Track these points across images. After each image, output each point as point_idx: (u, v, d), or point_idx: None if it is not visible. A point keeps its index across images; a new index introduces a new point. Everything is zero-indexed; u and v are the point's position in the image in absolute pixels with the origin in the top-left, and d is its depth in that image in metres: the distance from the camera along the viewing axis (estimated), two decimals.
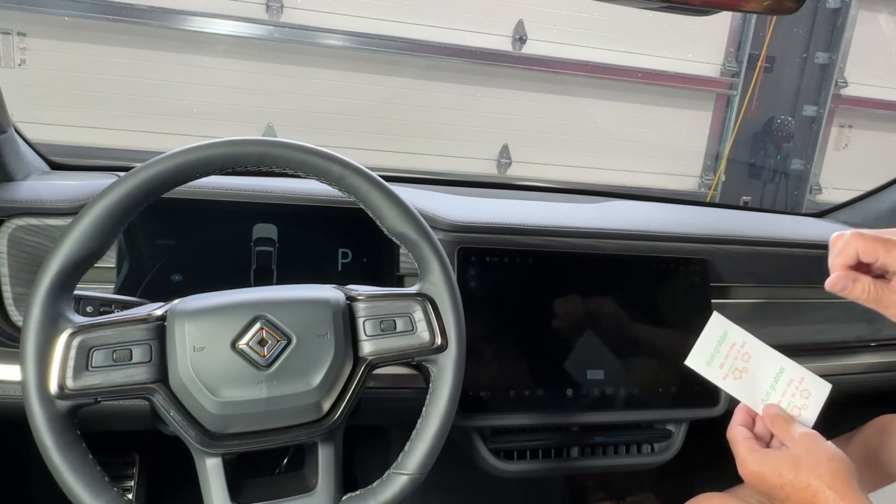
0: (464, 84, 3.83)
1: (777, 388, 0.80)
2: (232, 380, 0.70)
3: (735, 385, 0.81)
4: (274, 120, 3.54)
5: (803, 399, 0.79)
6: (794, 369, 0.81)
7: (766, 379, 0.81)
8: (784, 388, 0.80)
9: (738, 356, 0.82)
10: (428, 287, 0.79)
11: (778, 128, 4.42)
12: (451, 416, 0.77)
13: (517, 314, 1.08)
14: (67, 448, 0.67)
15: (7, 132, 1.02)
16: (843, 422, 1.07)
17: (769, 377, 0.81)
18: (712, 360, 0.82)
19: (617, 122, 4.12)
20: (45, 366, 0.67)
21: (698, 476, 1.36)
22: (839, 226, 1.49)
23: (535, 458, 1.12)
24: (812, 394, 0.80)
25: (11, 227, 0.95)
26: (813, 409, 0.79)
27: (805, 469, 0.70)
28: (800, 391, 0.80)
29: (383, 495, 0.75)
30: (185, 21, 3.34)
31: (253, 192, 1.02)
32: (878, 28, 4.40)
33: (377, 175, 0.78)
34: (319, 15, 3.49)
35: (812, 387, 0.80)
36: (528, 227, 1.11)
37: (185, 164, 0.72)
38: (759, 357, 0.82)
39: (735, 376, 0.81)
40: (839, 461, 0.71)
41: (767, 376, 0.81)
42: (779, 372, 0.81)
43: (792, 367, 0.81)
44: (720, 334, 0.83)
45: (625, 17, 3.86)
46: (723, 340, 0.82)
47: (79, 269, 0.71)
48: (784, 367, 0.81)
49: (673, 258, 1.17)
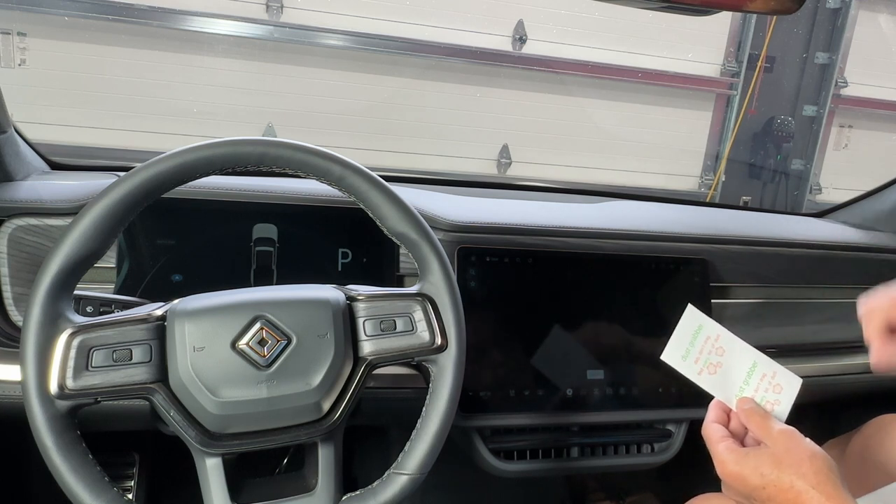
0: (464, 84, 3.83)
1: (750, 384, 0.79)
2: (232, 380, 0.70)
3: (709, 380, 0.80)
4: (274, 120, 3.54)
5: (776, 394, 0.78)
6: (767, 364, 0.79)
7: (740, 374, 0.79)
8: (757, 384, 0.79)
9: (713, 350, 0.80)
10: (428, 287, 0.79)
11: (778, 128, 4.41)
12: (451, 416, 0.77)
13: (517, 314, 1.08)
14: (67, 448, 0.67)
15: (7, 132, 1.02)
16: (843, 422, 1.07)
17: (742, 372, 0.79)
18: (688, 354, 0.80)
19: (617, 122, 4.12)
20: (45, 366, 0.67)
21: (698, 476, 1.35)
22: (839, 226, 1.49)
23: (535, 458, 1.12)
24: (784, 389, 0.78)
25: (11, 227, 0.95)
26: (785, 404, 0.78)
27: (787, 468, 0.69)
28: (772, 386, 0.78)
29: (383, 495, 0.75)
30: (185, 21, 3.34)
31: (253, 192, 1.02)
32: (878, 28, 4.40)
33: (377, 175, 0.78)
34: (319, 15, 3.49)
35: (784, 382, 0.78)
36: (528, 227, 1.11)
37: (185, 164, 0.72)
38: (732, 351, 0.80)
39: (710, 371, 0.80)
40: (821, 459, 0.69)
41: (741, 371, 0.79)
42: (752, 366, 0.79)
43: (764, 361, 0.80)
44: (695, 327, 0.81)
45: (625, 17, 3.86)
46: (697, 334, 0.81)
47: (79, 269, 0.71)
48: (756, 361, 0.79)
49: (673, 258, 1.17)
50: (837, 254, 1.30)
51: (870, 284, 1.34)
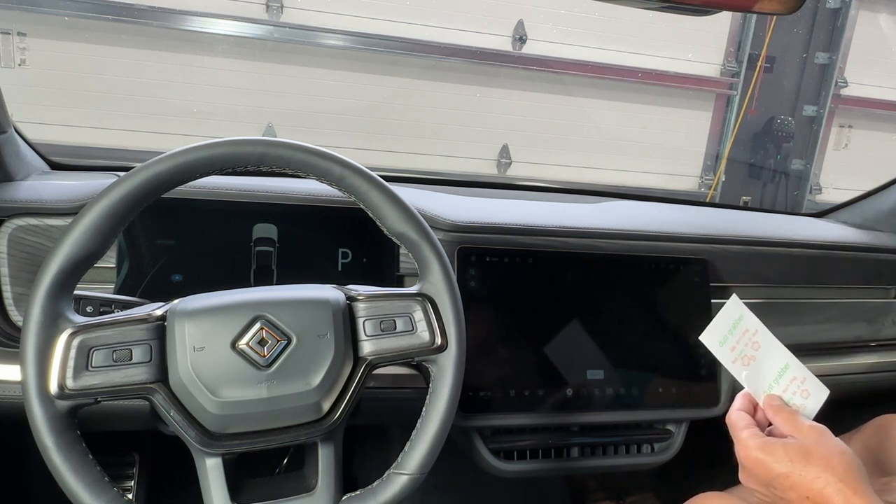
0: (464, 84, 3.83)
1: (780, 383, 0.80)
2: (232, 380, 0.70)
3: (742, 371, 0.81)
4: (274, 120, 3.54)
5: (802, 399, 0.79)
6: (799, 368, 0.81)
7: (771, 372, 0.80)
8: (786, 385, 0.80)
9: (749, 343, 0.82)
10: (428, 287, 0.79)
11: (778, 128, 4.42)
12: (451, 416, 0.77)
13: (517, 314, 1.08)
14: (67, 448, 0.67)
15: (7, 132, 1.02)
16: (843, 422, 1.07)
17: (774, 370, 0.80)
18: (725, 341, 0.82)
19: (617, 122, 4.12)
20: (45, 366, 0.67)
21: (698, 476, 1.35)
22: (839, 226, 1.49)
23: (535, 458, 1.12)
24: (811, 395, 0.79)
25: (11, 227, 0.95)
26: (810, 410, 0.79)
27: (816, 460, 0.69)
28: (800, 391, 0.80)
29: (383, 495, 0.75)
30: (185, 21, 3.34)
31: (253, 192, 1.02)
32: (878, 28, 4.40)
33: (377, 175, 0.78)
34: (319, 15, 3.49)
35: (812, 389, 0.80)
36: (528, 227, 1.11)
37: (185, 164, 0.72)
38: (767, 348, 0.82)
39: (743, 362, 0.81)
40: (850, 456, 0.70)
41: (773, 369, 0.81)
42: (784, 367, 0.80)
43: (797, 365, 0.81)
44: (736, 317, 0.82)
45: (625, 17, 3.86)
46: (737, 324, 0.82)
47: (79, 270, 0.71)
48: (789, 363, 0.81)
49: (673, 258, 1.17)
50: (837, 254, 1.30)
51: (870, 284, 1.35)
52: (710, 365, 1.17)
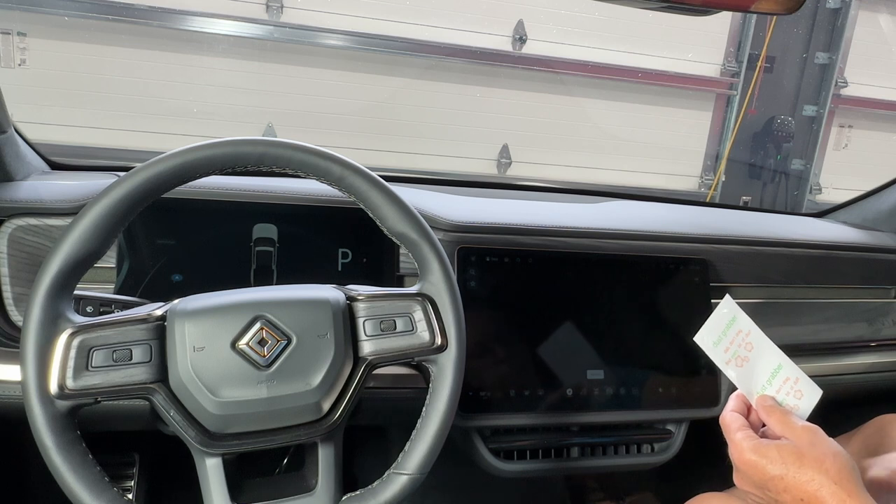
0: (464, 84, 3.83)
1: (773, 384, 0.80)
2: (232, 380, 0.70)
3: (734, 371, 0.81)
4: (274, 120, 3.54)
5: (796, 399, 0.79)
6: (792, 368, 0.80)
7: (764, 372, 0.80)
8: (779, 385, 0.80)
9: (742, 344, 0.82)
10: (428, 287, 0.79)
11: (778, 128, 4.42)
12: (451, 416, 0.77)
13: (517, 314, 1.08)
14: (67, 448, 0.67)
15: (7, 132, 1.02)
16: (843, 422, 1.07)
17: (767, 371, 0.80)
18: (719, 342, 0.82)
19: (617, 122, 4.12)
20: (45, 366, 0.67)
21: (698, 476, 1.36)
22: (839, 226, 1.49)
23: (535, 458, 1.12)
24: (805, 396, 0.79)
25: (11, 227, 0.94)
26: (803, 411, 0.79)
27: (810, 462, 0.68)
28: (793, 391, 0.79)
29: (383, 495, 0.75)
30: (185, 21, 3.34)
31: (253, 192, 1.02)
32: (878, 28, 4.40)
33: (377, 175, 0.78)
34: (319, 15, 3.49)
35: (805, 389, 0.79)
36: (528, 227, 1.11)
37: (185, 164, 0.72)
38: (760, 349, 0.82)
39: (737, 363, 0.81)
40: (844, 457, 0.69)
41: (766, 370, 0.80)
42: (777, 368, 0.80)
43: (789, 365, 0.81)
44: (729, 318, 0.82)
45: (625, 17, 3.86)
46: (731, 325, 0.82)
47: (79, 269, 0.71)
48: (782, 363, 0.81)
49: (673, 258, 1.17)
50: (837, 254, 1.30)
51: (870, 284, 1.35)
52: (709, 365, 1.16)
